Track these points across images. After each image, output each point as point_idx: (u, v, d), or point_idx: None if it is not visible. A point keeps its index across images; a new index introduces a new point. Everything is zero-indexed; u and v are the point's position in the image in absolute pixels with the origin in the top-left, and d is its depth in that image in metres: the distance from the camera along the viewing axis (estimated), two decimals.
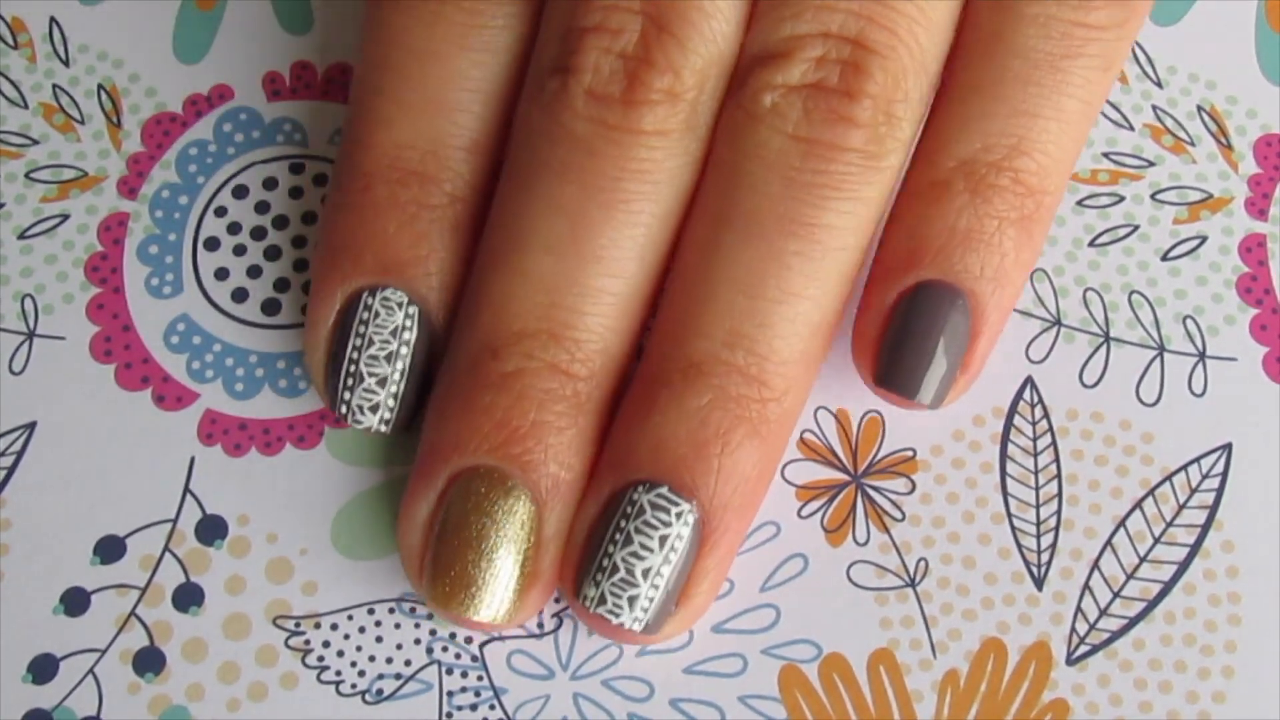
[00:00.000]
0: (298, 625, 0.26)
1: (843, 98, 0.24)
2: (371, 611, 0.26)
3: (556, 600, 0.26)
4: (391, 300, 0.26)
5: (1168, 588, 0.26)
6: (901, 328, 0.25)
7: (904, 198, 0.26)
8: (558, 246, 0.25)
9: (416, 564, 0.25)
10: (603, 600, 0.24)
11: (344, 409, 0.26)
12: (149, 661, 0.26)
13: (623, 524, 0.24)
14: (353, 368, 0.26)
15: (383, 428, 0.26)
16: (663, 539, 0.24)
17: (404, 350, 0.26)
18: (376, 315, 0.26)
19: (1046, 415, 0.28)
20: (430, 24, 0.26)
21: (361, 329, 0.26)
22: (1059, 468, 0.27)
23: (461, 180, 0.26)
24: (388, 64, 0.26)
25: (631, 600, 0.24)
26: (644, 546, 0.24)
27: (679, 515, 0.24)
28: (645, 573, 0.24)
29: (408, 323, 0.26)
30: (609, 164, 0.25)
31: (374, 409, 0.26)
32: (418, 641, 0.26)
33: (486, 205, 0.27)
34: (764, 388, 0.25)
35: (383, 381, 0.26)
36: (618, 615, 0.24)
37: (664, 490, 0.24)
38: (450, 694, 0.26)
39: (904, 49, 0.25)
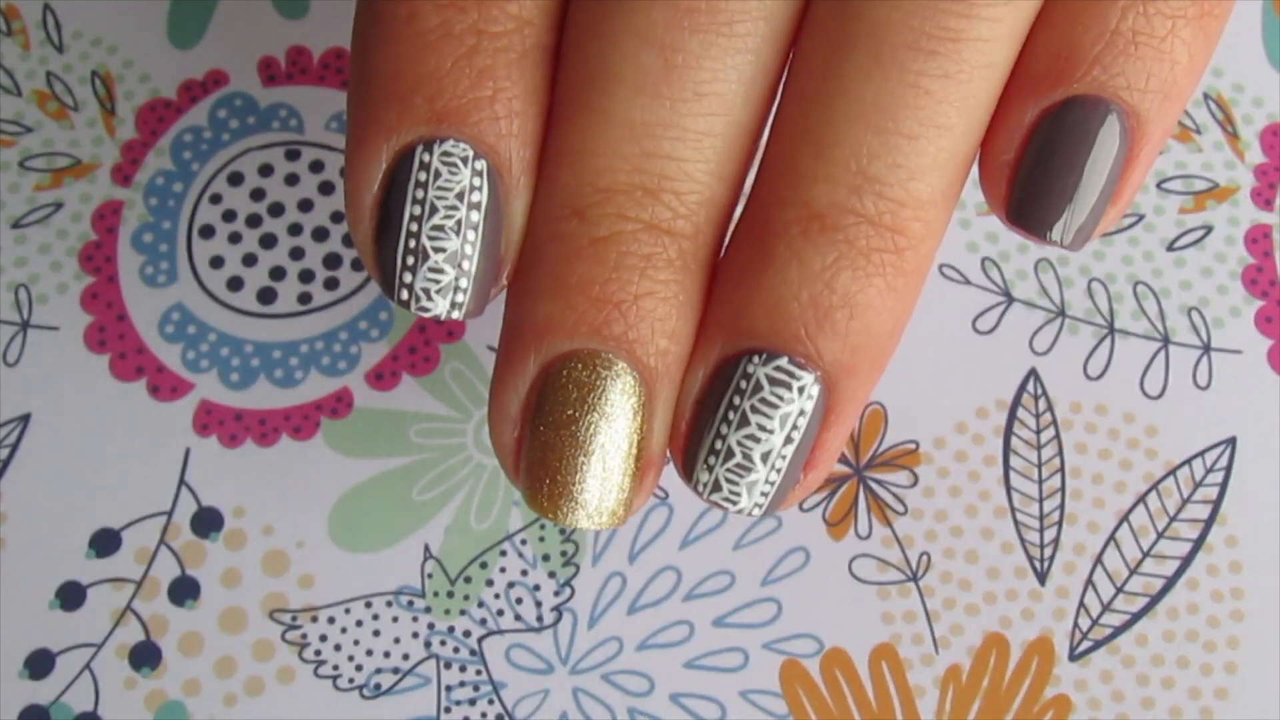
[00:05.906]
0: (294, 619, 0.26)
1: None
2: (369, 605, 0.26)
3: (555, 594, 0.26)
4: (454, 155, 0.21)
5: (1171, 583, 0.26)
6: (1042, 152, 0.21)
7: None
8: (649, 85, 0.20)
9: (513, 460, 0.22)
10: (717, 487, 0.21)
11: (405, 293, 0.21)
12: (145, 656, 0.26)
13: (736, 401, 0.21)
14: (412, 243, 0.21)
15: (455, 313, 0.21)
16: (784, 418, 0.21)
17: (474, 217, 0.21)
18: (437, 175, 0.21)
19: (1050, 408, 0.27)
20: None
21: (419, 194, 0.21)
22: (1062, 461, 0.27)
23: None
24: None
25: (750, 486, 0.21)
26: (762, 428, 0.21)
27: (801, 389, 0.21)
28: (765, 456, 0.21)
29: (476, 182, 0.21)
30: None
31: (442, 292, 0.21)
32: (415, 635, 0.26)
33: (561, 28, 0.22)
34: (899, 236, 0.21)
35: (453, 259, 0.21)
36: (735, 502, 0.21)
37: (783, 362, 0.21)
38: (449, 688, 0.26)
39: None
